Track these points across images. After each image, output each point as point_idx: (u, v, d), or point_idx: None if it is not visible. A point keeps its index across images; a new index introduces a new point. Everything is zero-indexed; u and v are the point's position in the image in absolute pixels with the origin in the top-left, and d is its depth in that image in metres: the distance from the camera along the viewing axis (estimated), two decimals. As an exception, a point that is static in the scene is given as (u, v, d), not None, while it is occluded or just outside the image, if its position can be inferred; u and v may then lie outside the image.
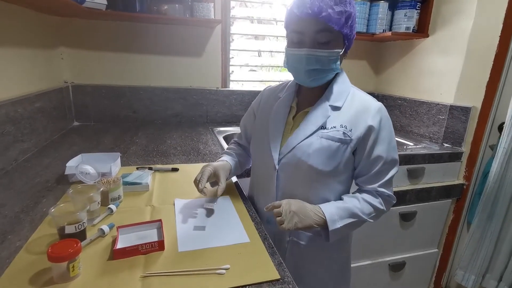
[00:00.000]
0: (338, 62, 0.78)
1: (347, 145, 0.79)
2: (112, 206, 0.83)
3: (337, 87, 0.83)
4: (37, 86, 1.39)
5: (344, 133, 0.79)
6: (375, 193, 0.83)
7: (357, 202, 0.81)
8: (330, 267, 0.93)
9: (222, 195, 0.96)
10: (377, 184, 0.81)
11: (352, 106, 0.81)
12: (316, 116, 0.81)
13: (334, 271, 0.94)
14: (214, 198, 0.86)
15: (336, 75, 0.85)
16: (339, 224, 0.78)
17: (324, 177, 0.81)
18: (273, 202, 0.81)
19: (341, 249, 0.94)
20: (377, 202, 0.82)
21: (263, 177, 0.92)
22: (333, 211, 0.79)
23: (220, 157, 1.01)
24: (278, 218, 0.76)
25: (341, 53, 0.77)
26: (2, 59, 1.16)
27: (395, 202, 0.86)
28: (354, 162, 0.83)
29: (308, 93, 0.87)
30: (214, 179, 0.90)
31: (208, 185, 0.90)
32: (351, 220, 0.79)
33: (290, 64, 0.81)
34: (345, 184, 0.86)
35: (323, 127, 0.80)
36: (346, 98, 0.82)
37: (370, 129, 0.78)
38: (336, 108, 0.81)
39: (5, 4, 1.17)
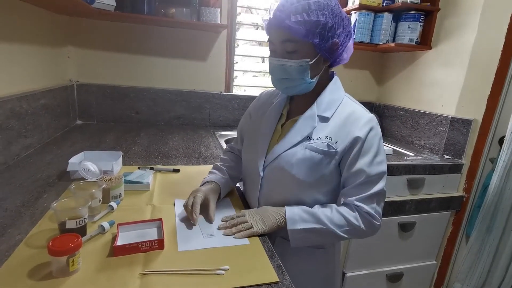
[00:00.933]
0: (308, 72, 0.76)
1: (331, 158, 0.77)
2: (113, 204, 0.83)
3: (328, 96, 0.82)
4: (42, 83, 1.41)
5: (328, 145, 0.77)
6: (353, 207, 0.78)
7: (329, 211, 0.78)
8: (313, 279, 0.91)
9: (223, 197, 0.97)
10: (354, 198, 0.77)
11: (341, 116, 0.79)
12: (303, 126, 0.80)
13: (318, 283, 0.92)
14: (210, 225, 0.81)
15: (329, 83, 0.83)
16: (299, 226, 0.77)
17: (307, 188, 0.80)
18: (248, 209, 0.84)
19: (327, 261, 0.92)
20: (352, 216, 0.77)
21: (249, 182, 0.92)
22: (295, 212, 0.78)
23: (209, 176, 0.95)
24: (245, 224, 0.77)
25: (311, 62, 0.75)
26: (11, 55, 1.17)
27: (378, 223, 0.78)
28: (340, 174, 0.81)
29: (300, 100, 0.86)
30: (205, 203, 0.85)
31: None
32: (315, 226, 0.76)
33: (270, 72, 0.82)
34: (330, 196, 0.83)
35: (308, 137, 0.79)
36: (337, 108, 0.81)
37: (356, 140, 0.76)
38: (324, 119, 0.80)
39: (18, 2, 1.19)
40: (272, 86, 0.85)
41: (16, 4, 1.19)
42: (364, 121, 0.77)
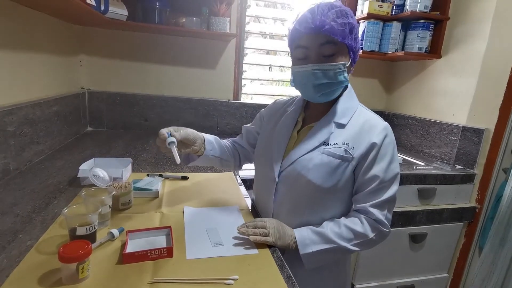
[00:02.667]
0: (346, 74, 0.78)
1: (348, 163, 0.78)
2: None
3: (343, 104, 0.83)
4: (55, 91, 1.44)
5: (345, 150, 0.77)
6: (362, 217, 0.78)
7: (337, 227, 0.78)
8: None
9: (231, 204, 0.97)
10: (369, 204, 0.77)
11: (357, 124, 0.80)
12: (320, 132, 0.81)
13: None
14: (219, 233, 0.80)
15: (344, 91, 0.84)
16: (311, 249, 0.77)
17: (322, 193, 0.80)
18: (264, 216, 0.84)
19: (338, 272, 0.91)
20: (360, 227, 0.77)
21: (263, 188, 0.92)
22: (304, 235, 0.78)
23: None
24: (262, 230, 0.77)
25: (348, 64, 0.77)
26: (27, 64, 1.20)
27: (387, 230, 0.79)
28: (354, 181, 0.81)
29: (315, 108, 0.87)
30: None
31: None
32: (326, 246, 0.76)
33: (297, 82, 0.81)
34: (345, 202, 0.83)
35: (325, 143, 0.79)
36: (352, 116, 0.82)
37: (372, 146, 0.77)
38: (340, 125, 0.81)
39: (33, 11, 1.22)
40: (283, 94, 0.84)
41: (33, 15, 1.23)
42: (380, 129, 0.78)
